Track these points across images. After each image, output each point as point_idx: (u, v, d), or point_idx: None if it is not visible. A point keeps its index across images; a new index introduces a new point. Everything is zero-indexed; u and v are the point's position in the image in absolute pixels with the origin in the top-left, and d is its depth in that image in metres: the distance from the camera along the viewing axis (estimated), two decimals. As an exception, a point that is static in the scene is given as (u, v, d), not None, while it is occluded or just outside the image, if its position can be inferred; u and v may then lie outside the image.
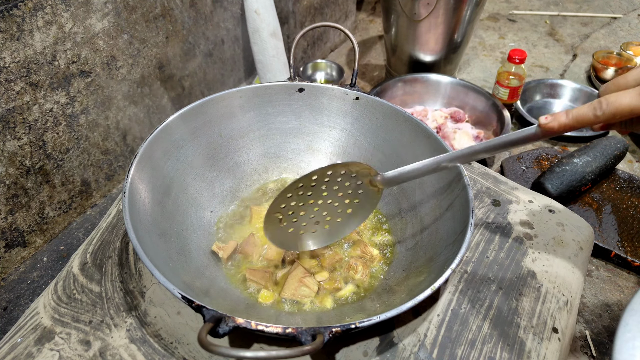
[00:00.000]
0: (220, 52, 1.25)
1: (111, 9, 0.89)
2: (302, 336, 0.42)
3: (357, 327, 0.44)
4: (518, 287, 0.61)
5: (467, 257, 0.65)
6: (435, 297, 0.59)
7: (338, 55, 1.76)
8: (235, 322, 0.42)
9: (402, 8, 1.31)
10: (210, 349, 0.38)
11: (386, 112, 0.72)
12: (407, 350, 0.53)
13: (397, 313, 0.45)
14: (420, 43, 1.39)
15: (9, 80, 0.77)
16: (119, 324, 0.56)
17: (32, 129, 0.83)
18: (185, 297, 0.44)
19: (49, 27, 0.80)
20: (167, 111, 1.14)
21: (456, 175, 0.61)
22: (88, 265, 0.64)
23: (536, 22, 1.94)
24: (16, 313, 0.84)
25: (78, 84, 0.88)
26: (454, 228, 0.58)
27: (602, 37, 1.85)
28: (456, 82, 1.38)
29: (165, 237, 0.59)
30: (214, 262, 0.63)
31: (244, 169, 0.76)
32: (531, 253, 0.66)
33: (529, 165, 1.15)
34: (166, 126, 0.65)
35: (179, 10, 1.06)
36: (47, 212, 0.92)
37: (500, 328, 0.56)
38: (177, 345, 0.54)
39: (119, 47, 0.94)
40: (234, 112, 0.73)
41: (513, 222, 0.70)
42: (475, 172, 0.79)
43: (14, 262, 0.90)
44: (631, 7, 2.03)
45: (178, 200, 0.65)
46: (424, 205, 0.66)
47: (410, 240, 0.65)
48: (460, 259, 0.50)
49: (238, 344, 0.54)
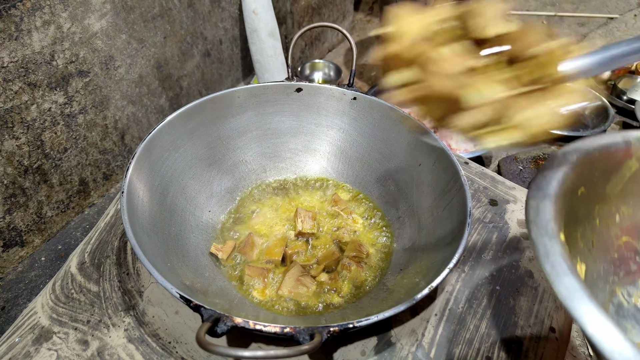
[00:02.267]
0: (218, 52, 1.25)
1: (109, 9, 0.89)
2: (300, 336, 0.42)
3: (354, 327, 0.44)
4: (515, 286, 0.61)
5: (464, 257, 0.65)
6: (433, 297, 0.59)
7: (336, 55, 1.76)
8: (234, 322, 0.42)
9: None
10: (208, 349, 0.38)
11: (384, 111, 0.72)
12: (404, 350, 0.54)
13: (395, 312, 0.45)
14: (418, 43, 1.39)
15: (7, 80, 0.76)
16: (117, 323, 0.56)
17: (30, 128, 0.83)
18: (184, 297, 0.44)
19: (47, 27, 0.80)
20: (165, 111, 1.14)
21: (454, 174, 0.61)
22: (86, 264, 0.64)
23: (533, 23, 1.94)
24: (14, 312, 0.84)
25: (76, 83, 0.88)
26: (452, 228, 0.58)
27: (599, 37, 1.85)
28: (454, 82, 1.37)
29: (164, 236, 0.59)
30: (212, 262, 0.63)
31: (242, 169, 0.76)
32: (528, 253, 0.66)
33: (526, 165, 1.15)
34: (164, 126, 0.65)
35: (177, 11, 1.06)
36: (45, 211, 0.92)
37: (497, 327, 0.56)
38: (175, 344, 0.54)
39: (117, 47, 0.94)
40: (232, 112, 0.73)
41: (510, 221, 0.70)
42: (473, 172, 0.79)
43: (11, 262, 0.90)
44: (627, 7, 2.04)
45: (176, 200, 0.65)
46: (421, 205, 0.67)
47: (408, 240, 0.66)
48: (457, 258, 0.50)
49: (236, 343, 0.54)
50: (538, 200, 0.39)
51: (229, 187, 0.74)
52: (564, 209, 0.40)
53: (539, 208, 0.38)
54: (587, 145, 0.46)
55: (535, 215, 0.38)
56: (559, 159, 0.44)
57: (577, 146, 0.46)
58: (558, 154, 0.45)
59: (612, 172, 0.48)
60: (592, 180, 0.46)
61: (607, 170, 0.48)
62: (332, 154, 0.77)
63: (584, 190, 0.45)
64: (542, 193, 0.40)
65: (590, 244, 0.48)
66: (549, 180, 0.41)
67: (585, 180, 0.45)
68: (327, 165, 0.78)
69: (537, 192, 0.40)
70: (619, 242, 0.50)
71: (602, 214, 0.49)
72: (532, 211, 0.38)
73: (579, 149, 0.45)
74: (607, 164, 0.47)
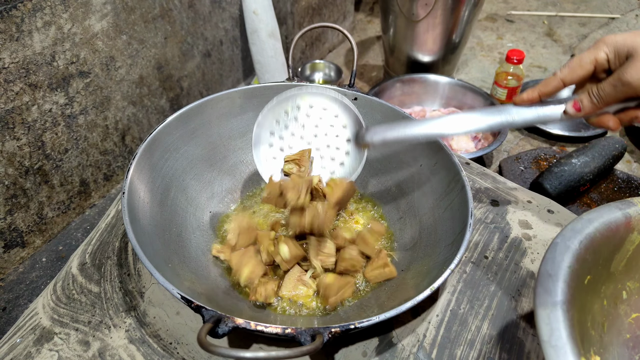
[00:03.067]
0: (219, 52, 1.25)
1: (110, 10, 0.89)
2: (301, 336, 0.42)
3: (356, 328, 0.44)
4: (517, 287, 0.61)
5: (466, 258, 0.65)
6: (434, 298, 0.59)
7: (336, 56, 1.76)
8: (235, 323, 0.42)
9: (400, 8, 1.31)
10: (209, 350, 0.38)
11: (385, 112, 0.72)
12: (406, 351, 0.53)
13: (396, 313, 0.45)
14: (419, 43, 1.39)
15: (8, 81, 0.77)
16: (118, 324, 0.56)
17: (31, 129, 0.83)
18: (185, 298, 0.44)
19: (48, 28, 0.80)
20: (165, 111, 1.14)
21: (455, 175, 0.61)
22: (87, 265, 0.64)
23: (534, 23, 1.94)
24: (15, 313, 0.84)
25: (77, 84, 0.88)
26: (453, 228, 0.58)
27: (600, 37, 1.85)
28: (454, 82, 1.38)
29: (165, 237, 0.59)
30: (213, 262, 0.63)
31: (243, 170, 0.76)
32: (530, 253, 0.66)
33: (527, 165, 1.15)
34: (165, 127, 0.65)
35: (178, 11, 1.06)
36: (46, 212, 0.92)
37: (499, 328, 0.56)
38: (177, 345, 0.54)
39: (118, 47, 0.94)
40: (233, 113, 0.73)
41: (512, 222, 0.70)
42: (474, 173, 0.79)
43: (12, 263, 0.90)
44: (629, 7, 2.04)
45: (177, 200, 0.65)
46: (422, 206, 0.67)
47: (409, 241, 0.66)
48: (459, 259, 0.50)
49: (237, 344, 0.54)
50: (548, 309, 0.38)
51: (229, 188, 0.74)
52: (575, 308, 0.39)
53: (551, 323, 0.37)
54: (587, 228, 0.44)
55: (550, 334, 0.36)
56: (561, 250, 0.42)
57: (576, 229, 0.44)
58: (559, 243, 0.43)
59: (615, 250, 0.47)
60: (597, 265, 0.45)
61: (610, 250, 0.47)
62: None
63: (590, 278, 0.44)
64: (551, 300, 0.38)
65: (601, 328, 0.47)
66: (555, 281, 0.39)
67: (590, 268, 0.44)
68: (328, 165, 0.77)
69: (545, 297, 0.38)
70: (629, 320, 0.49)
71: (608, 293, 0.48)
72: (544, 327, 0.36)
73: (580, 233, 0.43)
74: (610, 243, 0.46)
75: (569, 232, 0.43)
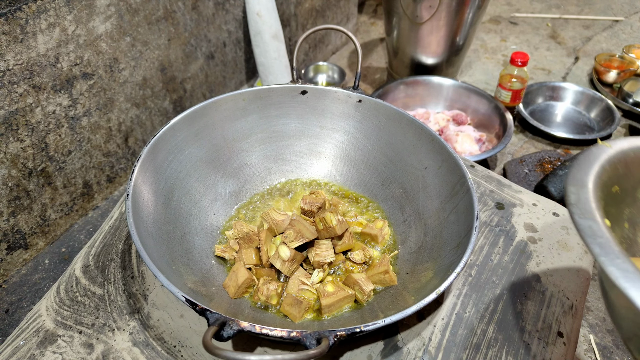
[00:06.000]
0: (222, 54, 1.25)
1: (114, 12, 0.90)
2: (306, 340, 0.42)
3: (362, 331, 0.43)
4: (523, 290, 0.61)
5: (471, 261, 0.64)
6: (440, 301, 0.59)
7: (339, 58, 1.76)
8: (240, 326, 0.42)
9: (404, 10, 1.31)
10: (215, 353, 0.38)
11: (389, 114, 0.72)
12: (411, 354, 0.53)
13: (402, 317, 0.45)
14: (422, 46, 1.39)
15: (12, 83, 0.77)
16: (121, 327, 0.56)
17: (35, 131, 0.83)
18: (189, 300, 0.44)
19: (53, 30, 0.80)
20: (169, 113, 1.14)
21: (460, 178, 0.61)
22: (90, 267, 0.63)
23: (538, 25, 1.94)
24: (18, 315, 0.84)
25: (80, 86, 0.88)
26: (458, 231, 0.57)
27: (604, 39, 1.85)
28: (458, 84, 1.37)
29: (168, 239, 0.59)
30: (217, 265, 0.63)
31: (247, 172, 0.75)
32: (536, 256, 0.65)
33: (532, 168, 1.15)
34: (169, 129, 0.65)
35: (181, 13, 1.06)
36: (48, 214, 0.92)
37: (505, 332, 0.56)
38: (181, 348, 0.54)
39: (122, 49, 0.94)
40: (237, 115, 0.73)
41: (517, 225, 0.70)
42: (479, 175, 0.79)
43: (15, 265, 0.90)
44: (633, 9, 2.03)
45: (181, 202, 0.65)
46: (427, 209, 0.66)
47: (414, 244, 0.65)
48: (464, 262, 0.50)
49: (242, 347, 0.54)
50: (578, 187, 0.39)
51: (233, 190, 0.73)
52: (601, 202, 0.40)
53: (579, 194, 0.38)
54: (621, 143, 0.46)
55: (577, 199, 0.37)
56: (595, 152, 0.43)
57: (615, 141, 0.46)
58: (597, 145, 0.45)
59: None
60: (626, 180, 0.46)
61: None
62: (337, 157, 0.77)
63: (618, 190, 0.45)
64: (580, 182, 0.40)
65: None
66: (586, 171, 0.41)
67: (619, 179, 0.45)
68: (332, 168, 0.77)
69: (575, 180, 0.40)
70: None
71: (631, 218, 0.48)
72: (572, 196, 0.38)
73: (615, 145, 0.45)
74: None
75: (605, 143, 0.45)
